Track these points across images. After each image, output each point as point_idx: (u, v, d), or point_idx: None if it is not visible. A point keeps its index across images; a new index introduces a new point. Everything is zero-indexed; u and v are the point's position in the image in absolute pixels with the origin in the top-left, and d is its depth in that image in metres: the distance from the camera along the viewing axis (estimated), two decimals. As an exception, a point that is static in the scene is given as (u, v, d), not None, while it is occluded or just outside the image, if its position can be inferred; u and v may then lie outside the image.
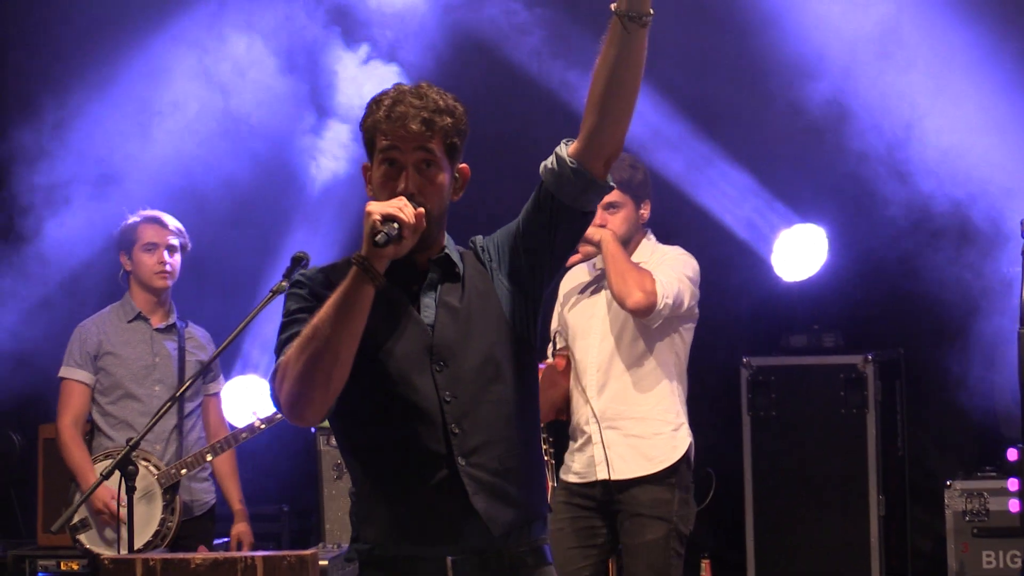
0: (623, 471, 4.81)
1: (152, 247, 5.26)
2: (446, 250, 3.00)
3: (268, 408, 5.31)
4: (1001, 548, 6.26)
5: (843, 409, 6.29)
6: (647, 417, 4.86)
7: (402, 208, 2.76)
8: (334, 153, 6.62)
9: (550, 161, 2.92)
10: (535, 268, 3.00)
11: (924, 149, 6.20)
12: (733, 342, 6.69)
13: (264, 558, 4.11)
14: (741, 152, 6.63)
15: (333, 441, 6.31)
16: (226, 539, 5.72)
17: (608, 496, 4.84)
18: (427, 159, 2.88)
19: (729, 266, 6.57)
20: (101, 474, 4.15)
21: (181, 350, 5.35)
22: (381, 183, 2.89)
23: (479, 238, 3.08)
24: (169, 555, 4.63)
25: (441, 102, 2.89)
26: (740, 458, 6.51)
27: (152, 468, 5.16)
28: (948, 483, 6.26)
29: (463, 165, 2.98)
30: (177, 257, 5.32)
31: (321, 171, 6.70)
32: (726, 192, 6.58)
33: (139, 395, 5.24)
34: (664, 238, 5.19)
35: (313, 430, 6.41)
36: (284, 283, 4.40)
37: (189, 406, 5.34)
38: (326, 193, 6.71)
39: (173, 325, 5.37)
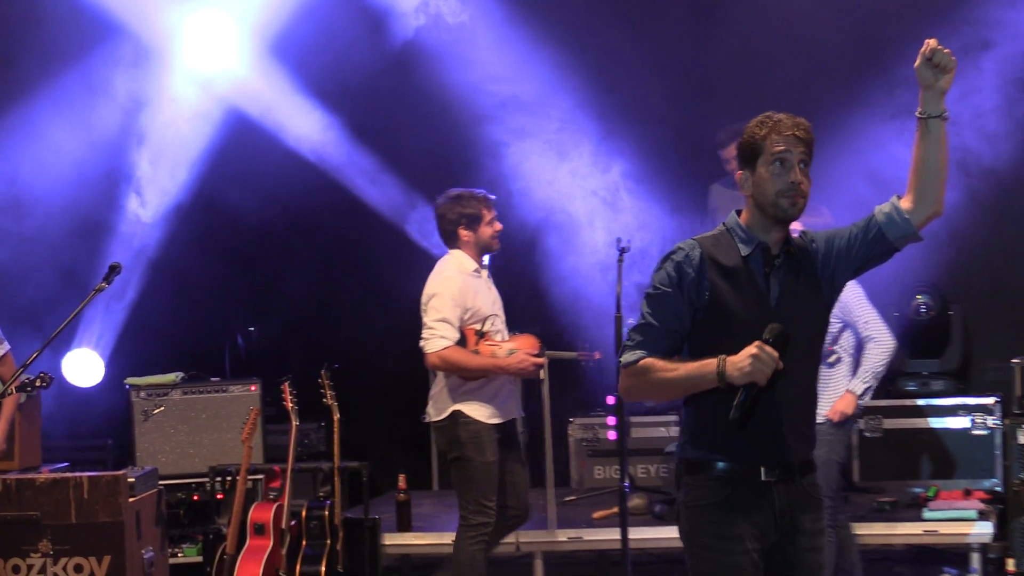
0: None
1: None
2: (790, 237, 3.51)
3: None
4: (606, 464, 7.90)
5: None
6: None
7: (777, 359, 3.25)
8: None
9: (889, 209, 3.47)
10: (839, 275, 3.53)
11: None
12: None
13: (89, 477, 5.66)
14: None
15: (143, 394, 7.40)
16: (64, 464, 6.95)
17: None
18: (806, 159, 3.44)
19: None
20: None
21: None
22: (771, 177, 3.40)
23: (808, 231, 3.60)
24: (21, 476, 5.73)
25: (807, 124, 3.48)
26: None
27: None
28: (571, 420, 7.93)
29: None
30: None
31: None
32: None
33: None
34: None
35: (128, 387, 7.46)
36: (104, 284, 5.60)
37: None
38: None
39: None
